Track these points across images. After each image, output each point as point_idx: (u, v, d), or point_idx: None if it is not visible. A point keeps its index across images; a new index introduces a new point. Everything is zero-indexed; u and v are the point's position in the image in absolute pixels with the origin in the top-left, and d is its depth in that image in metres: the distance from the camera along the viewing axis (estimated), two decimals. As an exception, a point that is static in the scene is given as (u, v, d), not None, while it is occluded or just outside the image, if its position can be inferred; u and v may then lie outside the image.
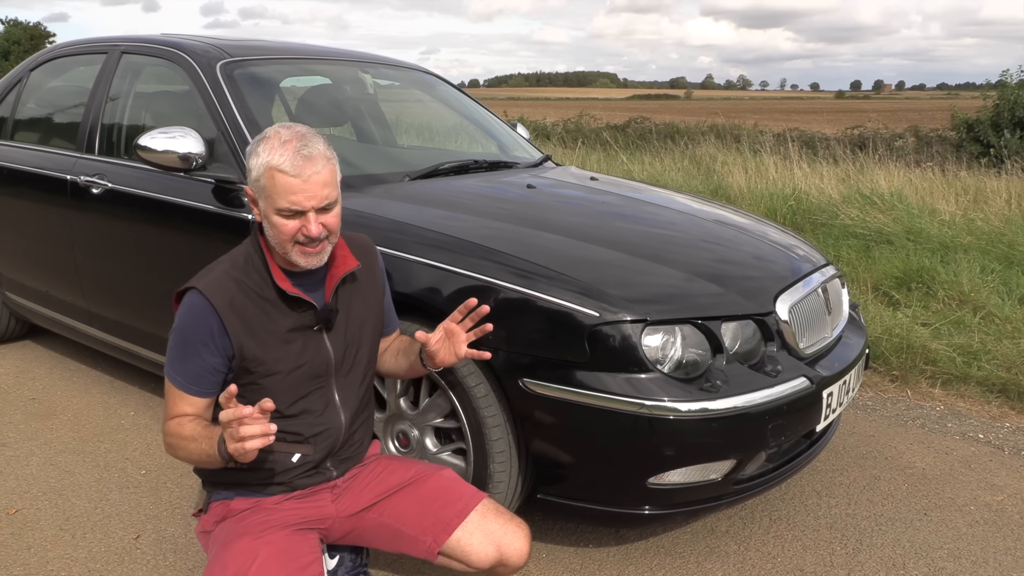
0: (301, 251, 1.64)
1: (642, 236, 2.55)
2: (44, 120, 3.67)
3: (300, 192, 1.59)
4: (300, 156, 1.59)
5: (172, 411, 1.67)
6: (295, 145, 1.59)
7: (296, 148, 1.59)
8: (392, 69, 3.83)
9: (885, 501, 2.67)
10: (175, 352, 1.66)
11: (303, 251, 1.64)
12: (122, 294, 3.10)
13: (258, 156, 1.61)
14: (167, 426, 1.66)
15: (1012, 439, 3.18)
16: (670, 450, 2.00)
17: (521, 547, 1.76)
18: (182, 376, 1.65)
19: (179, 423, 1.64)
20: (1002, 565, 2.32)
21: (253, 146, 1.64)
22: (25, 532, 2.39)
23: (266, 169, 1.59)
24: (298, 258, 1.65)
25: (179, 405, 1.66)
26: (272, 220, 1.62)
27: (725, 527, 2.50)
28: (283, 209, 1.60)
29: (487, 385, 2.12)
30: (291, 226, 1.61)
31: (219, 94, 2.81)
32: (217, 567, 1.60)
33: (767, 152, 9.09)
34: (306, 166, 1.59)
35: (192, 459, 1.63)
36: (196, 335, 1.63)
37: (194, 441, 1.59)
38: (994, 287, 4.64)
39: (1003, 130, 14.25)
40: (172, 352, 1.66)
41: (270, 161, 1.59)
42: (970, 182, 7.62)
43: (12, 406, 3.33)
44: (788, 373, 2.16)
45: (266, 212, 1.63)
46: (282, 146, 1.59)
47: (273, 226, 1.63)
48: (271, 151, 1.59)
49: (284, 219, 1.61)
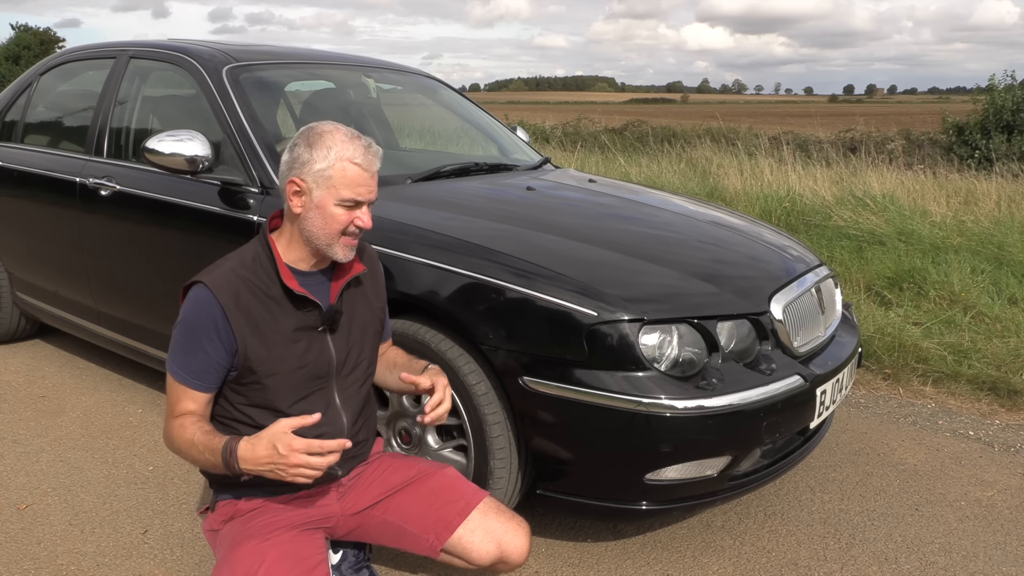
0: (346, 242, 1.68)
1: (639, 237, 2.56)
2: (54, 123, 3.69)
3: (365, 185, 1.65)
4: (370, 152, 1.65)
5: (174, 408, 1.67)
6: (363, 142, 1.66)
7: (365, 144, 1.65)
8: (395, 73, 3.85)
9: (877, 496, 2.69)
10: (179, 346, 1.65)
11: (348, 243, 1.68)
12: (130, 294, 3.12)
13: (327, 148, 1.63)
14: (169, 425, 1.66)
15: (1002, 436, 3.21)
16: (667, 447, 2.01)
17: (521, 545, 1.78)
18: (185, 370, 1.64)
19: (181, 424, 1.63)
20: (992, 559, 2.34)
21: (312, 138, 1.65)
22: (35, 527, 2.40)
23: (338, 160, 1.62)
24: (340, 250, 1.68)
25: (182, 401, 1.66)
26: (329, 210, 1.64)
27: (721, 522, 2.51)
28: (347, 199, 1.64)
29: (488, 383, 2.13)
30: (345, 217, 1.65)
31: (225, 98, 2.83)
32: (225, 569, 1.61)
33: (762, 155, 9.13)
34: (375, 162, 1.66)
35: (193, 462, 1.64)
36: (200, 328, 1.62)
37: (195, 448, 1.59)
38: (984, 287, 4.67)
39: (991, 133, 14.32)
40: (176, 346, 1.66)
41: (343, 153, 1.62)
42: (960, 184, 7.65)
43: (22, 403, 3.35)
44: (782, 371, 2.17)
45: (322, 202, 1.64)
46: (351, 141, 1.64)
47: (328, 216, 1.65)
48: (342, 144, 1.63)
49: (343, 209, 1.64)
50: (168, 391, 1.68)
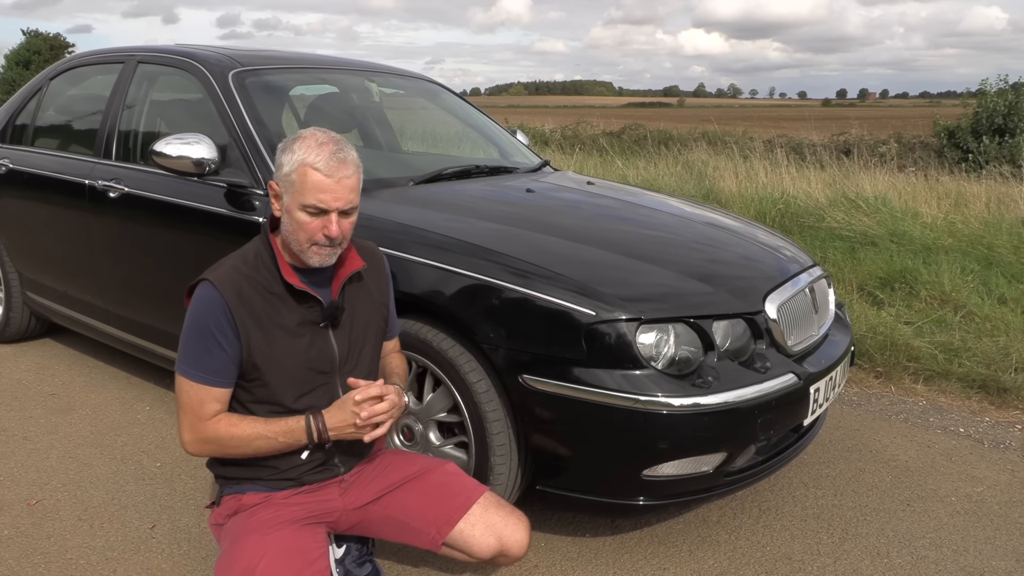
0: (317, 251, 1.67)
1: (637, 238, 2.57)
2: (63, 127, 3.71)
3: (329, 192, 1.63)
4: (335, 159, 1.64)
5: (200, 412, 1.65)
6: (331, 148, 1.64)
7: (332, 151, 1.64)
8: (397, 78, 3.87)
9: (870, 492, 2.71)
10: (191, 347, 1.65)
11: (319, 252, 1.67)
12: (138, 293, 3.13)
13: (293, 152, 1.65)
14: (210, 430, 1.65)
15: (991, 433, 3.23)
16: (664, 443, 2.02)
17: (521, 538, 1.80)
18: (204, 370, 1.64)
19: (229, 423, 1.65)
20: (982, 553, 2.35)
21: (287, 143, 1.68)
22: (45, 522, 2.42)
23: (300, 165, 1.63)
24: (311, 256, 1.68)
25: (205, 404, 1.65)
26: (295, 216, 1.64)
27: (716, 517, 2.53)
28: (309, 206, 1.63)
29: (488, 381, 2.15)
30: (314, 224, 1.64)
31: (231, 102, 2.84)
32: (227, 562, 1.63)
33: (757, 158, 9.17)
34: (339, 168, 1.64)
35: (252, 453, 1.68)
36: (209, 324, 1.63)
37: (262, 438, 1.63)
38: (974, 287, 4.69)
39: (982, 136, 14.38)
40: (187, 348, 1.66)
41: (305, 158, 1.63)
42: (951, 186, 7.68)
43: (33, 401, 3.37)
44: (777, 370, 2.18)
45: (290, 207, 1.65)
46: (319, 147, 1.64)
47: (295, 222, 1.65)
48: (307, 149, 1.64)
49: (308, 216, 1.64)
50: (184, 397, 1.67)
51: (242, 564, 1.60)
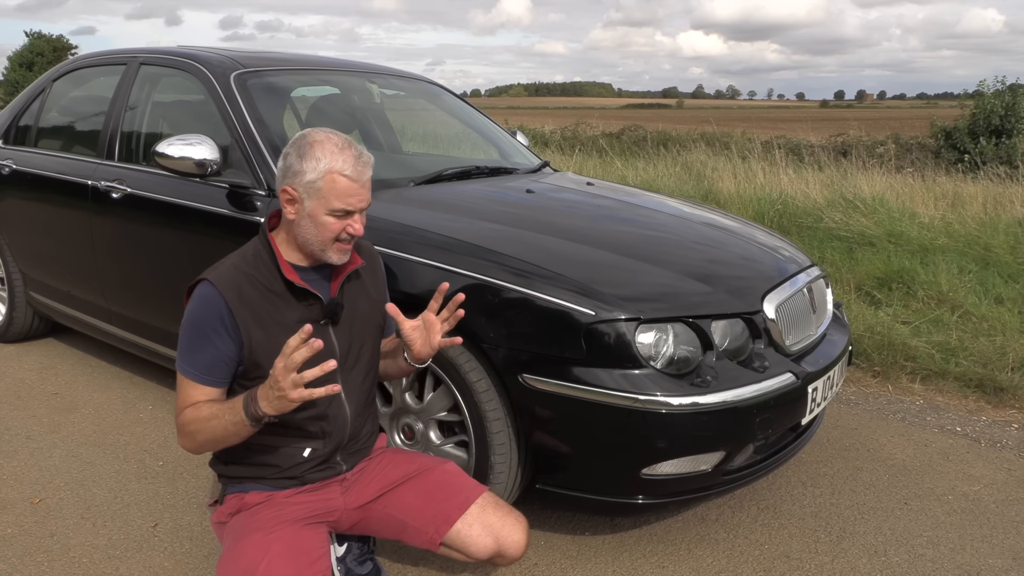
0: (339, 248, 1.70)
1: (636, 238, 2.58)
2: (66, 128, 3.71)
3: (356, 195, 1.66)
4: (360, 162, 1.66)
5: (185, 404, 1.67)
6: (353, 152, 1.66)
7: (355, 155, 1.66)
8: (398, 79, 3.87)
9: (867, 491, 2.72)
10: (187, 344, 1.66)
11: (341, 248, 1.71)
12: (140, 293, 3.14)
13: (317, 160, 1.64)
14: (182, 416, 1.65)
15: (988, 432, 3.24)
16: (662, 442, 2.03)
17: (518, 539, 1.81)
18: (195, 367, 1.65)
19: (195, 408, 1.64)
20: (979, 552, 2.36)
21: (303, 149, 1.66)
22: (48, 520, 2.43)
23: (327, 172, 1.64)
24: (334, 254, 1.70)
25: (192, 397, 1.66)
26: (321, 220, 1.66)
27: (715, 515, 2.54)
28: (337, 210, 1.65)
29: (488, 380, 2.15)
30: (338, 225, 1.68)
31: (233, 103, 2.85)
32: (229, 560, 1.64)
33: (755, 159, 9.19)
34: (364, 172, 1.67)
35: (215, 438, 1.63)
36: (207, 322, 1.64)
37: (215, 418, 1.60)
38: (971, 287, 4.70)
39: (979, 137, 14.41)
40: (184, 344, 1.67)
41: (332, 165, 1.64)
42: (948, 187, 7.69)
43: (36, 400, 3.38)
44: (775, 369, 2.19)
45: (313, 211, 1.66)
46: (340, 151, 1.65)
47: (320, 225, 1.67)
48: (331, 156, 1.64)
49: (335, 219, 1.67)
50: (178, 391, 1.69)
51: (244, 563, 1.61)
